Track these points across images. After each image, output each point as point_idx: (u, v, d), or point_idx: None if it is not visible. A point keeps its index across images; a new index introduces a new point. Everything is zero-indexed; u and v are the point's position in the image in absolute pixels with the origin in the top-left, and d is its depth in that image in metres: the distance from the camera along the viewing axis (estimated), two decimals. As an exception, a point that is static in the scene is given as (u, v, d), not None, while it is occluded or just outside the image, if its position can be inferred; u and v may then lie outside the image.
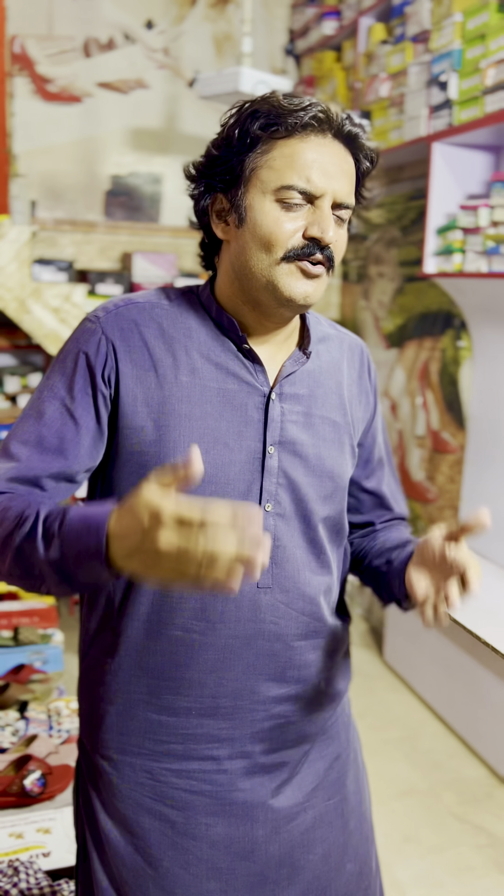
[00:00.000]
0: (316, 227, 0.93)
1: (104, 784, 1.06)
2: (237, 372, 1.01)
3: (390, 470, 1.23)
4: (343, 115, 0.95)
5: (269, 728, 1.05)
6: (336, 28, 3.54)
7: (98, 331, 0.99)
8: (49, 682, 2.23)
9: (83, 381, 0.98)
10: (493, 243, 2.38)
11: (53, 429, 0.97)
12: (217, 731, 1.03)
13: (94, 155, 3.81)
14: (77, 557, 0.80)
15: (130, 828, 1.05)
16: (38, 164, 3.72)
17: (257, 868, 1.06)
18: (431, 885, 2.05)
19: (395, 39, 2.96)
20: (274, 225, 0.94)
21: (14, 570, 0.88)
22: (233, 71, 2.92)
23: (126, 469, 0.99)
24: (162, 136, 3.89)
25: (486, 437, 2.81)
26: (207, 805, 1.04)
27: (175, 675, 1.02)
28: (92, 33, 3.72)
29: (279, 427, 1.02)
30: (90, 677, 1.08)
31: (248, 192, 0.95)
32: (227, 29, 3.91)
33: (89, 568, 0.80)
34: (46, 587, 0.87)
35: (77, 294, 3.23)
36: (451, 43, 2.50)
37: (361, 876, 1.16)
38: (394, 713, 2.87)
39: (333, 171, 0.93)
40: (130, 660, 1.03)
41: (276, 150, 0.93)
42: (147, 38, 3.81)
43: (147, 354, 0.99)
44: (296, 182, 0.92)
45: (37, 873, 1.48)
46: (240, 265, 0.98)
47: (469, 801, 2.38)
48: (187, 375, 0.99)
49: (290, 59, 4.05)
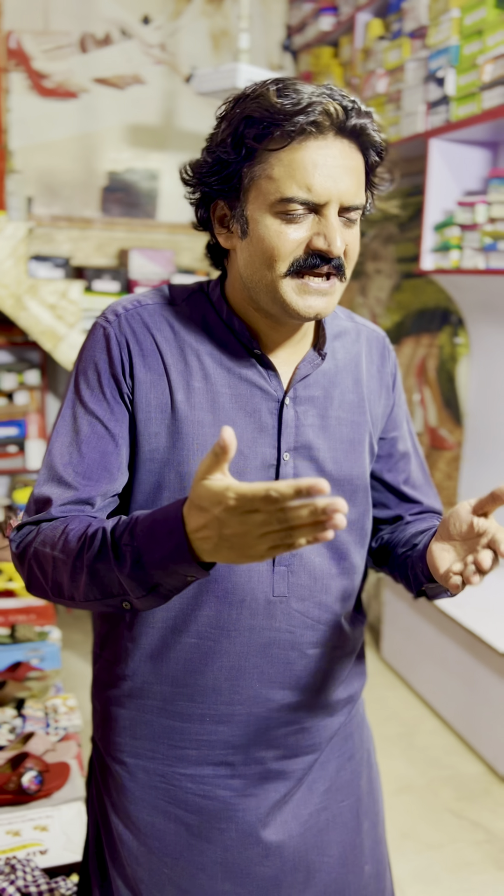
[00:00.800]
0: (321, 238, 0.88)
1: (117, 785, 1.06)
2: (249, 377, 0.98)
3: (418, 462, 1.18)
4: (348, 105, 0.87)
5: (283, 734, 1.04)
6: (333, 24, 3.53)
7: (112, 336, 0.97)
8: (46, 679, 2.23)
9: (111, 391, 0.96)
10: (491, 240, 2.38)
11: (93, 446, 0.95)
12: (231, 738, 1.02)
13: (90, 151, 3.80)
14: (161, 564, 0.78)
15: (144, 829, 1.04)
16: (35, 161, 3.71)
17: (272, 872, 1.05)
18: (429, 881, 2.05)
19: (392, 35, 2.95)
20: (276, 239, 0.88)
21: (91, 593, 0.85)
22: (230, 67, 2.91)
23: (139, 474, 0.97)
24: (159, 132, 3.88)
25: (483, 434, 2.81)
26: (221, 810, 1.03)
27: (190, 681, 1.00)
28: (88, 28, 3.71)
29: (293, 433, 0.99)
30: (102, 680, 1.07)
31: (248, 204, 0.90)
32: (223, 24, 3.90)
33: (177, 571, 0.78)
34: (130, 603, 0.83)
35: (73, 291, 3.23)
36: (448, 39, 2.50)
37: (378, 877, 1.15)
38: (391, 710, 2.87)
39: (338, 175, 0.87)
40: (144, 666, 1.02)
41: (273, 159, 0.87)
42: (143, 33, 3.79)
43: (159, 359, 0.96)
44: (296, 193, 0.86)
45: (34, 871, 1.48)
46: (247, 276, 0.94)
47: (466, 798, 2.39)
48: (199, 381, 0.96)
49: (288, 54, 4.04)
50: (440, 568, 0.93)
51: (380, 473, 1.14)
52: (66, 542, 0.86)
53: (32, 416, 3.80)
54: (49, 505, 0.93)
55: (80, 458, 0.94)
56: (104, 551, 0.82)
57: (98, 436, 0.95)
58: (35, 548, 0.90)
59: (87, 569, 0.83)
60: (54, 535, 0.89)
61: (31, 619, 2.58)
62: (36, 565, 0.90)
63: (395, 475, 1.15)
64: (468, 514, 0.92)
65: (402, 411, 1.15)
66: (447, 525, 0.95)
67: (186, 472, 0.95)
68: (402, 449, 1.15)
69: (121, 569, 0.80)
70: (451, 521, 0.94)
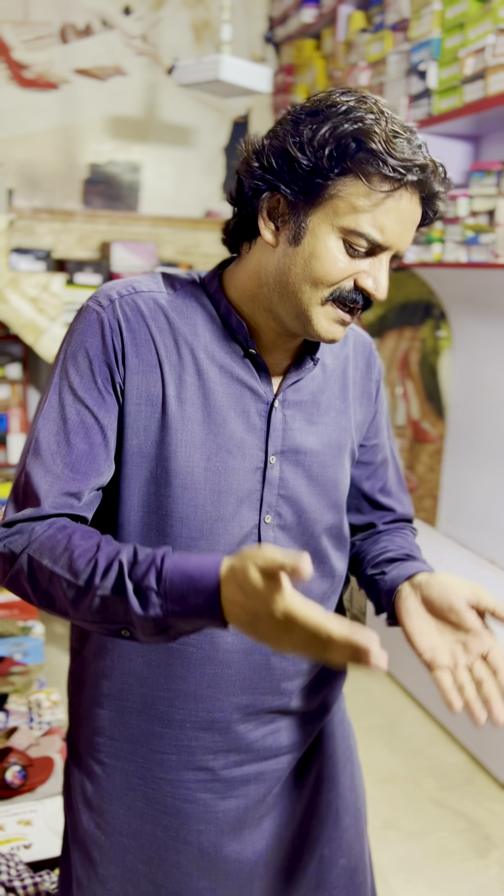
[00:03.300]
0: (371, 281, 0.88)
1: (93, 784, 1.05)
2: (242, 377, 0.96)
3: (394, 469, 1.18)
4: (438, 173, 0.88)
5: (263, 737, 1.04)
6: (315, 16, 3.52)
7: (105, 320, 0.92)
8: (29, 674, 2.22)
9: (103, 380, 0.92)
10: (472, 233, 2.39)
11: (81, 437, 0.91)
12: (212, 744, 1.01)
13: (71, 143, 3.77)
14: (185, 616, 0.76)
15: (120, 828, 1.04)
16: (15, 152, 3.67)
17: (247, 867, 1.06)
18: (412, 870, 2.07)
19: (374, 28, 2.95)
20: (332, 264, 0.87)
21: (91, 616, 0.82)
22: (212, 59, 2.90)
23: (126, 468, 0.94)
24: (141, 124, 3.86)
25: (465, 427, 2.82)
26: (201, 812, 1.03)
27: (171, 686, 0.99)
28: (69, 19, 3.67)
29: (281, 436, 0.98)
30: (81, 678, 1.05)
31: (315, 215, 0.87)
32: (205, 16, 3.88)
33: (198, 622, 0.76)
34: (131, 633, 0.80)
35: (55, 283, 3.20)
36: (430, 32, 2.50)
37: (356, 872, 1.16)
38: (374, 701, 2.89)
39: (406, 227, 0.88)
40: (123, 667, 1.00)
41: (362, 189, 0.85)
42: (125, 24, 3.76)
43: (153, 350, 0.93)
44: (370, 232, 0.86)
45: (18, 865, 1.48)
46: (278, 281, 0.91)
47: (448, 787, 2.41)
48: (192, 376, 0.94)
49: (270, 46, 4.03)
50: (420, 647, 0.92)
51: (358, 480, 1.14)
52: (71, 561, 0.82)
53: (14, 411, 3.77)
54: (38, 499, 0.89)
55: (68, 449, 0.91)
56: (121, 587, 0.78)
57: (87, 426, 0.91)
58: (29, 554, 0.86)
59: (95, 596, 0.80)
60: (54, 548, 0.84)
61: (14, 613, 2.57)
62: (26, 571, 0.86)
63: (373, 483, 1.15)
64: (463, 603, 0.91)
65: (383, 419, 1.15)
66: (430, 592, 0.94)
67: (174, 468, 0.93)
68: (381, 457, 1.15)
69: (141, 611, 0.77)
70: (439, 593, 0.93)
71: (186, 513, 0.94)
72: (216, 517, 0.95)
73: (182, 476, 0.93)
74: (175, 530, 0.94)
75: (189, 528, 0.95)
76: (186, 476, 0.93)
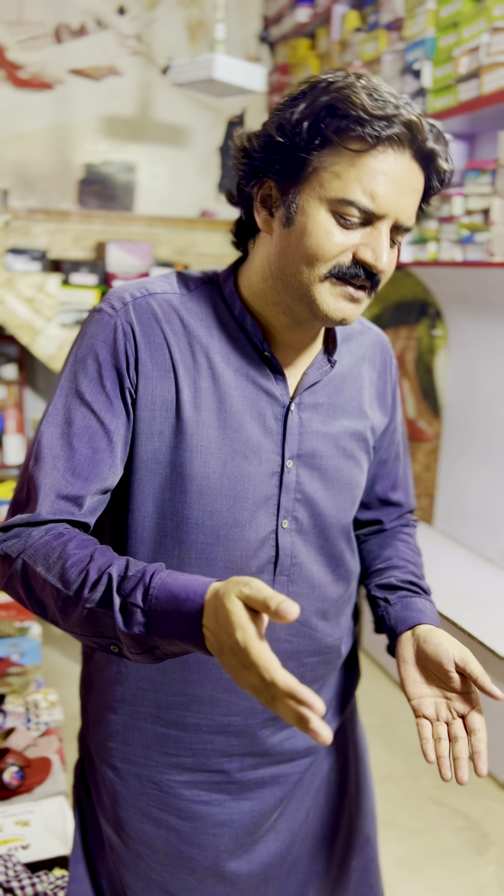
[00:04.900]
0: (370, 251, 0.84)
1: (107, 790, 1.04)
2: (257, 380, 0.94)
3: (405, 463, 1.17)
4: (429, 129, 0.84)
5: (279, 741, 1.03)
6: (310, 15, 3.52)
7: (118, 324, 0.90)
8: (27, 674, 2.22)
9: (112, 385, 0.90)
10: (468, 232, 2.39)
11: (85, 441, 0.89)
12: (227, 747, 1.01)
13: (66, 143, 3.76)
14: (167, 636, 0.73)
15: (134, 834, 1.03)
16: (10, 153, 3.67)
17: (261, 869, 1.06)
18: (410, 867, 2.07)
19: (368, 27, 2.95)
20: (324, 238, 0.84)
21: (80, 629, 0.80)
22: (207, 58, 2.89)
23: (138, 475, 0.93)
24: (135, 124, 3.85)
25: (461, 426, 2.83)
26: (216, 815, 1.02)
27: (187, 691, 0.98)
28: (63, 19, 3.67)
29: (297, 440, 0.96)
30: (93, 682, 1.04)
31: (303, 192, 0.85)
32: (199, 15, 3.88)
33: (182, 645, 0.74)
34: (119, 649, 0.79)
35: (51, 284, 3.20)
36: (424, 31, 2.50)
37: (367, 872, 1.16)
38: (372, 699, 2.89)
39: (402, 192, 0.83)
40: (137, 672, 0.99)
41: (345, 157, 0.82)
42: (119, 24, 3.76)
43: (167, 354, 0.91)
44: (359, 198, 0.82)
45: (15, 866, 1.47)
46: (278, 267, 0.89)
47: (446, 785, 2.41)
48: (207, 380, 0.92)
49: (265, 46, 4.03)
50: (409, 691, 0.94)
51: (371, 479, 1.13)
52: (63, 571, 0.80)
53: (10, 411, 3.77)
54: (36, 503, 0.87)
55: (70, 452, 0.88)
56: (108, 601, 0.76)
57: (91, 431, 0.89)
58: (24, 560, 0.84)
59: (83, 609, 0.78)
60: (48, 555, 0.82)
61: (11, 614, 2.56)
62: (21, 576, 0.85)
63: (385, 482, 1.14)
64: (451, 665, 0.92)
65: (399, 416, 1.14)
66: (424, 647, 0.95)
67: (189, 474, 0.91)
68: (394, 453, 1.14)
69: (125, 627, 0.75)
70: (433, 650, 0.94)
71: (202, 519, 0.92)
72: (232, 523, 0.93)
73: (198, 482, 0.92)
74: (191, 536, 0.93)
75: (205, 534, 0.93)
76: (202, 481, 0.92)
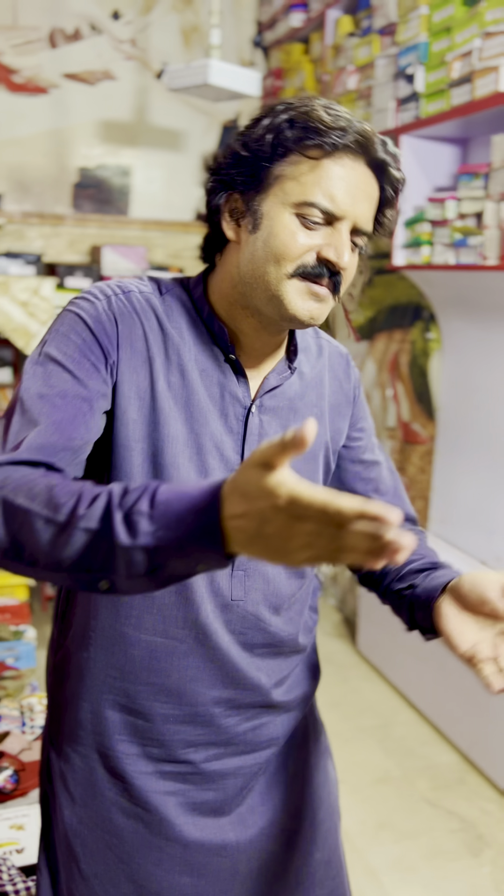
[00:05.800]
0: (332, 250, 0.90)
1: (75, 781, 1.05)
2: (222, 381, 0.99)
3: (389, 471, 1.19)
4: (379, 141, 0.92)
5: (243, 732, 1.06)
6: (303, 20, 3.53)
7: (101, 310, 0.94)
8: (21, 678, 2.21)
9: (95, 357, 0.91)
10: (461, 235, 2.40)
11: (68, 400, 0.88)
12: (195, 738, 1.03)
13: (61, 147, 3.77)
14: (180, 544, 0.67)
15: (102, 825, 1.05)
16: (5, 157, 3.67)
17: (229, 863, 1.07)
18: (405, 869, 2.08)
19: (361, 32, 2.97)
20: (289, 238, 0.90)
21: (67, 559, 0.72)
22: (201, 63, 2.90)
23: (114, 460, 0.95)
24: (130, 129, 3.86)
25: (455, 428, 2.84)
26: (181, 805, 1.04)
27: (154, 681, 1.00)
28: (58, 23, 3.68)
29: (257, 440, 1.00)
30: (65, 670, 1.06)
31: (267, 200, 0.92)
32: (194, 20, 3.89)
33: (194, 556, 0.67)
34: (111, 583, 0.71)
35: (46, 287, 3.20)
36: (417, 36, 2.52)
37: (330, 865, 1.17)
38: (367, 702, 2.90)
39: (359, 196, 0.91)
40: (105, 660, 1.01)
41: (305, 165, 0.90)
42: (114, 28, 3.77)
43: (145, 347, 0.95)
44: (319, 200, 0.89)
45: (10, 870, 1.47)
46: (247, 272, 0.94)
47: (442, 787, 2.41)
48: (177, 377, 0.96)
49: (259, 51, 4.04)
50: (460, 646, 0.92)
51: (351, 483, 1.15)
52: (50, 497, 0.74)
53: (5, 415, 3.76)
54: (17, 446, 0.84)
55: (51, 409, 0.87)
56: (107, 516, 0.69)
57: (73, 394, 0.88)
58: (3, 496, 0.76)
59: (75, 529, 0.70)
60: (32, 486, 0.76)
61: (6, 618, 2.56)
62: None
63: (365, 484, 1.16)
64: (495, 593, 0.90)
65: (367, 424, 1.17)
66: (461, 589, 0.94)
67: (161, 462, 0.95)
68: (369, 458, 1.16)
69: (129, 539, 0.68)
70: (469, 591, 0.92)
71: None
72: None
73: (168, 470, 0.95)
74: None
75: None
76: (172, 471, 0.95)
